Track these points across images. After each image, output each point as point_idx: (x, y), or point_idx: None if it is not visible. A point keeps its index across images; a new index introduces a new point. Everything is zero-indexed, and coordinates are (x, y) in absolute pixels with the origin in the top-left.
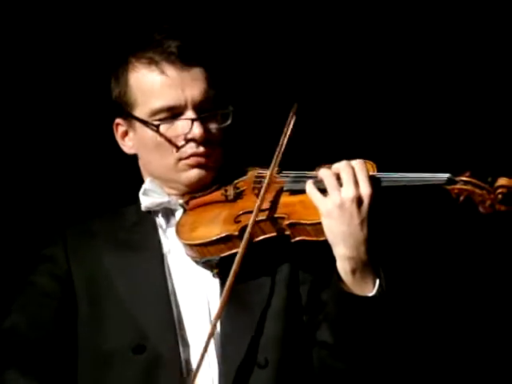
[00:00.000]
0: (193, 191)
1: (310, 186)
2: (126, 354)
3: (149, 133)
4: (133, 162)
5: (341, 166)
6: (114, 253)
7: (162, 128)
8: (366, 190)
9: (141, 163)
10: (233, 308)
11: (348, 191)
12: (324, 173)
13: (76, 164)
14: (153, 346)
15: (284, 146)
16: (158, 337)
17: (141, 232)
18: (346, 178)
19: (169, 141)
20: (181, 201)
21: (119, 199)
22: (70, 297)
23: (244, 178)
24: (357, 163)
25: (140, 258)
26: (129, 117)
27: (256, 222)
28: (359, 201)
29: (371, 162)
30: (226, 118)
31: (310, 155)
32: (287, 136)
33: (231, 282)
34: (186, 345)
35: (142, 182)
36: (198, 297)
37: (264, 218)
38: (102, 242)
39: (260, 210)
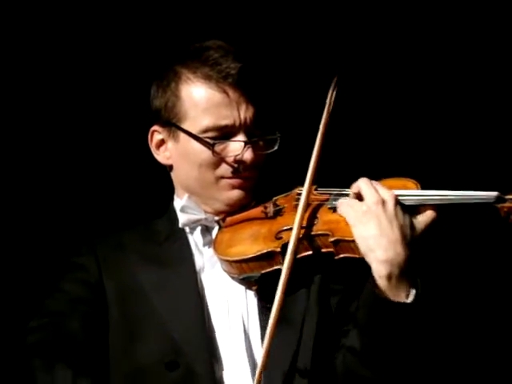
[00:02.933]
0: (230, 211)
1: (341, 202)
2: (159, 370)
3: (198, 148)
4: (162, 173)
5: (358, 182)
6: (147, 267)
7: (216, 147)
8: (386, 193)
9: (176, 175)
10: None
11: (370, 197)
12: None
13: (105, 175)
14: (186, 362)
15: (318, 161)
16: (192, 353)
17: (173, 247)
18: (366, 187)
19: (217, 159)
20: (217, 218)
21: (147, 211)
22: (101, 305)
23: (283, 195)
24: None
25: (173, 274)
26: (173, 127)
27: (299, 239)
28: (383, 203)
29: (414, 181)
30: (272, 144)
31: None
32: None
33: (281, 299)
34: (220, 362)
35: (169, 193)
36: (232, 314)
37: (307, 234)
38: (134, 255)
39: (303, 227)
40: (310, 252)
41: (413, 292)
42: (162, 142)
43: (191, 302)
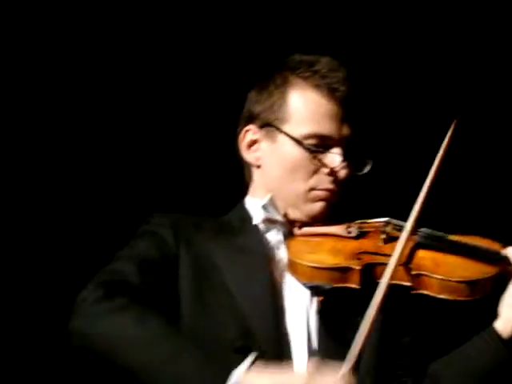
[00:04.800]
0: (307, 222)
1: None
2: (228, 352)
3: (297, 152)
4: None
5: None
6: (222, 250)
7: (317, 155)
8: None
9: (262, 176)
10: (331, 343)
11: None
12: None
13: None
14: (255, 344)
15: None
16: (262, 336)
17: (247, 239)
18: None
19: (314, 168)
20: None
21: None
22: (173, 277)
23: (370, 220)
24: None
25: (247, 258)
26: (273, 128)
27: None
28: None
29: (501, 245)
30: (364, 167)
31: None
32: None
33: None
34: (288, 350)
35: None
36: (298, 314)
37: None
38: (211, 237)
39: (389, 256)
40: (392, 281)
41: None
42: (254, 142)
43: (264, 283)
